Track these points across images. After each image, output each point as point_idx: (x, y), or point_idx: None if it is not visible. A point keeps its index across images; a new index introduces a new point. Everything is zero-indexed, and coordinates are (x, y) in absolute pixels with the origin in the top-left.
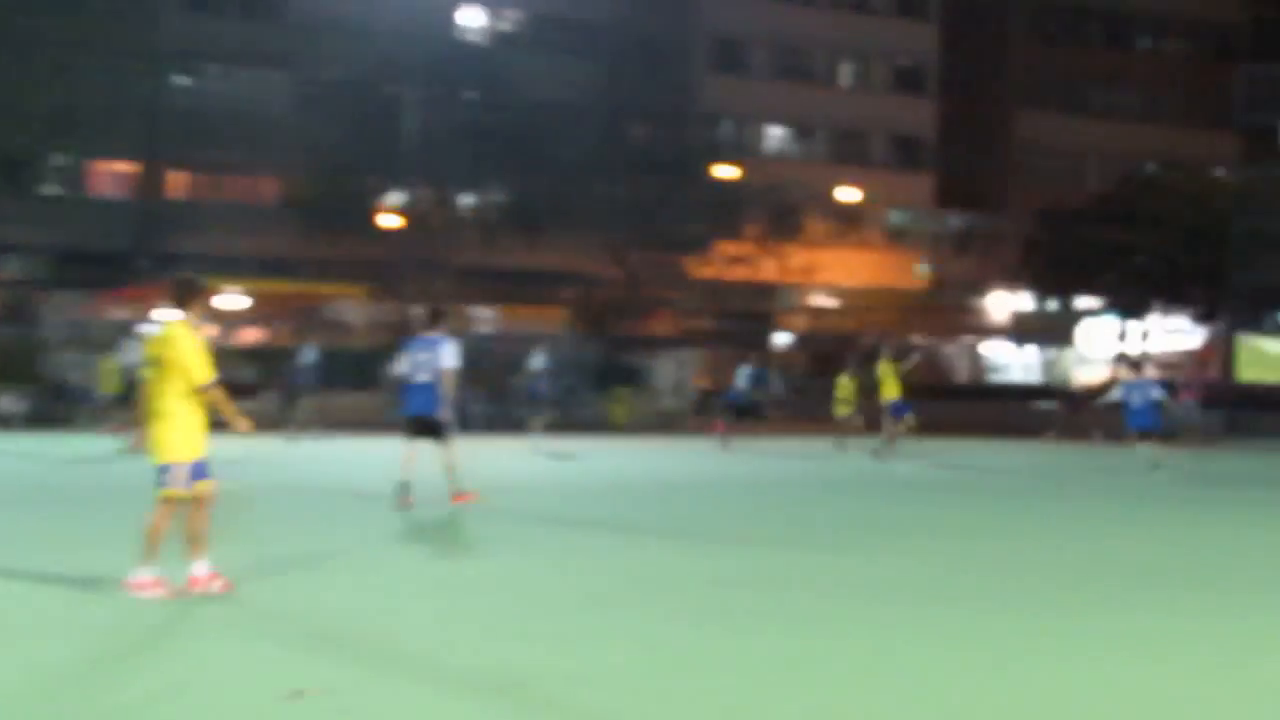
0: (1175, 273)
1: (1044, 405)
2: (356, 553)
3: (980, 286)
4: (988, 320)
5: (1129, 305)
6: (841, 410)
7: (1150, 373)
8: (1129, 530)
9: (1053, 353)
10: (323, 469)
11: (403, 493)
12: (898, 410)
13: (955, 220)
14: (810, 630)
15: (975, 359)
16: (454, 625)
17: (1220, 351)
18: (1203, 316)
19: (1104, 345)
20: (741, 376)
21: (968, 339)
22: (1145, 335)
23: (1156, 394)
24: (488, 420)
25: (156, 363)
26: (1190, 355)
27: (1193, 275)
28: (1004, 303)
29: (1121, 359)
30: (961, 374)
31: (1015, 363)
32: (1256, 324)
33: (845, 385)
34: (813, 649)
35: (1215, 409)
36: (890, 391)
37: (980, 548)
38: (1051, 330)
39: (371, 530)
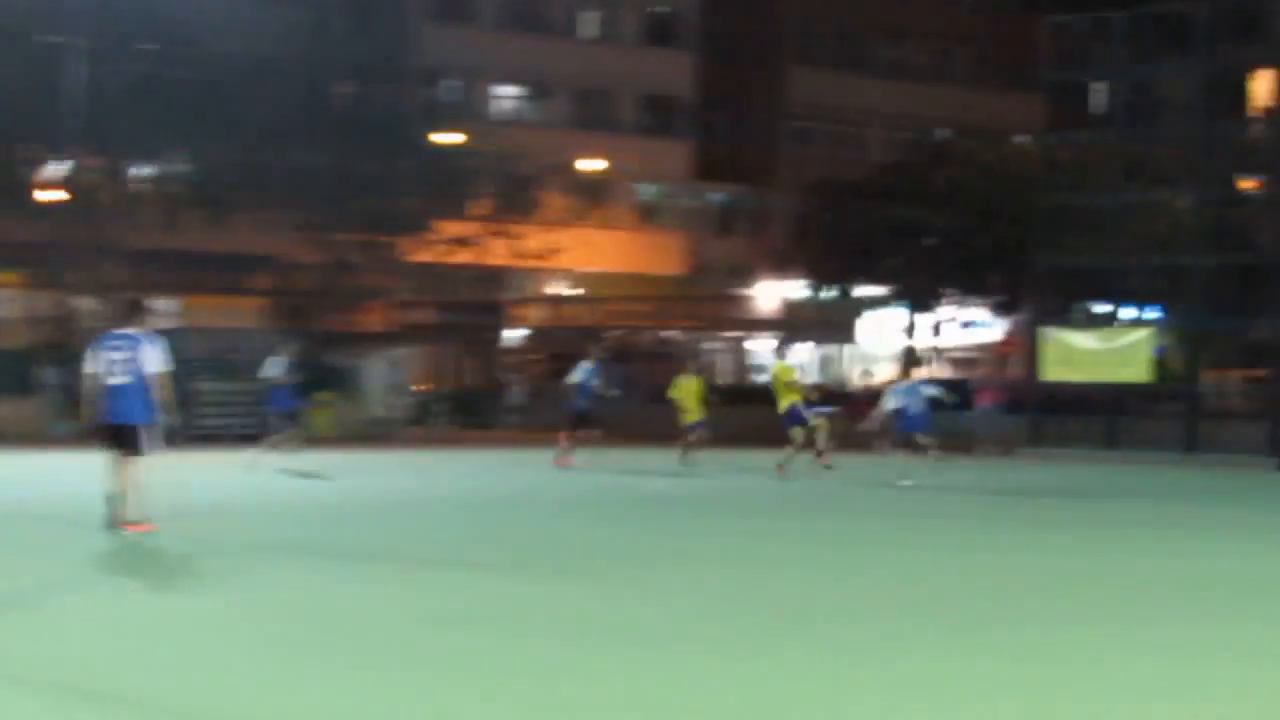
0: (971, 256)
1: (820, 410)
2: (47, 588)
3: (746, 273)
4: (754, 312)
5: (918, 294)
6: (689, 418)
7: (923, 373)
8: (910, 554)
9: (830, 350)
10: None
11: (114, 506)
12: (793, 419)
13: (717, 195)
14: (520, 679)
15: (740, 357)
16: (142, 668)
17: (1023, 346)
18: (1003, 306)
19: (890, 340)
20: (583, 373)
21: (731, 334)
22: (937, 328)
23: (931, 391)
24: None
25: None
26: (989, 350)
27: (992, 258)
28: (773, 292)
29: (909, 355)
30: (724, 374)
31: (786, 361)
32: (1063, 314)
33: (687, 388)
34: (519, 699)
35: (1017, 412)
36: (789, 396)
37: (735, 576)
38: (829, 323)
39: (66, 560)
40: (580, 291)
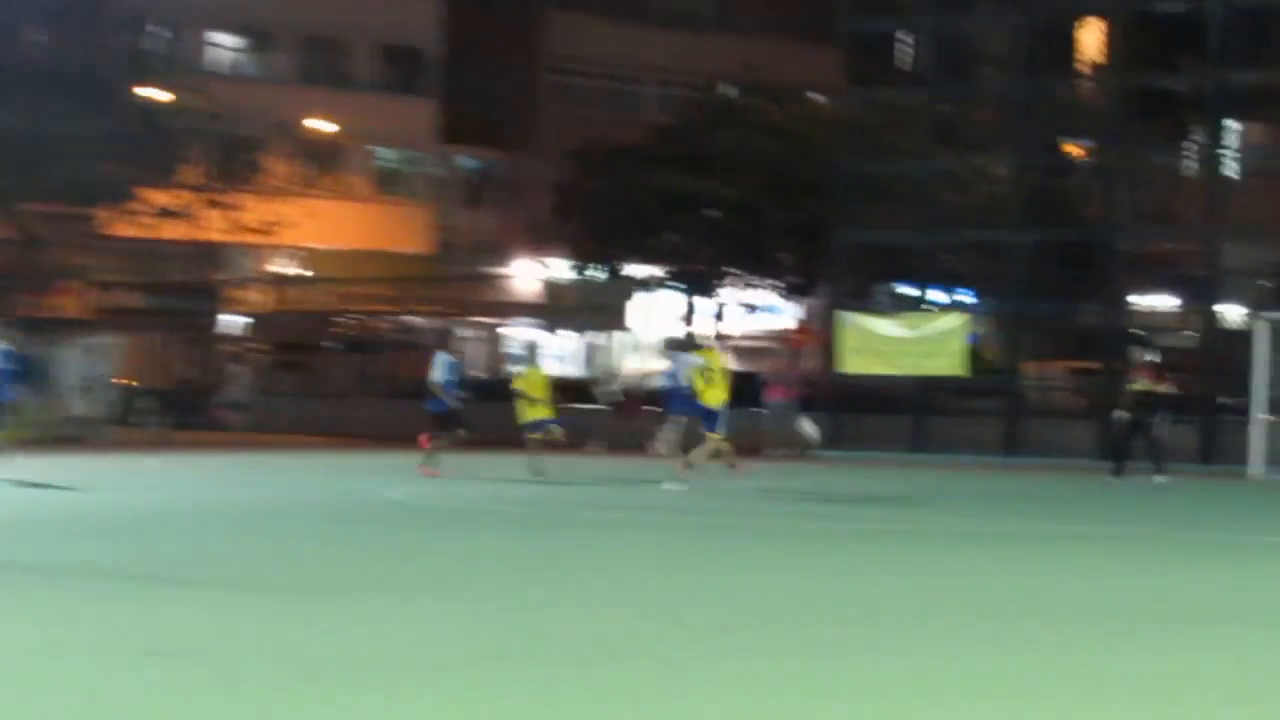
0: (759, 230)
1: (587, 407)
2: None
3: (501, 250)
4: (511, 295)
5: (698, 274)
6: (533, 413)
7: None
8: (673, 575)
9: (598, 338)
10: None
11: None
12: (713, 421)
13: (467, 161)
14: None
15: (494, 347)
16: None
17: (819, 334)
18: (796, 288)
19: (666, 327)
20: (445, 369)
21: (484, 320)
22: (719, 313)
23: (698, 363)
24: None
25: None
26: (780, 339)
27: (783, 234)
28: (533, 271)
29: (684, 341)
30: (476, 366)
31: (548, 351)
32: (865, 297)
33: (534, 379)
34: None
35: (812, 410)
36: (714, 396)
37: (480, 598)
38: (596, 307)
39: None
40: (309, 272)
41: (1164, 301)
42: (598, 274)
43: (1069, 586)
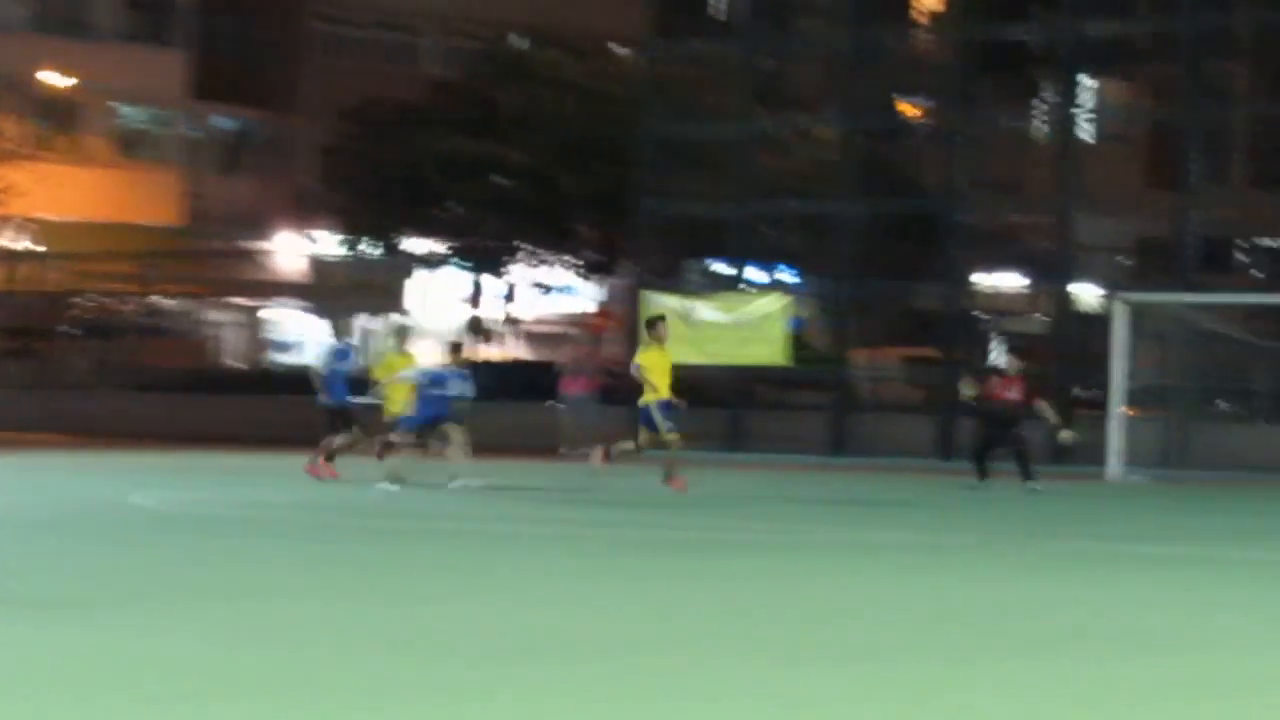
0: (555, 201)
1: (358, 401)
2: None
3: (262, 222)
4: (273, 273)
5: (485, 250)
6: (400, 407)
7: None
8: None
9: (371, 322)
10: None
11: None
12: (648, 419)
13: (223, 121)
14: None
15: (254, 332)
16: None
17: (622, 318)
18: (596, 266)
19: (449, 309)
20: (333, 357)
21: (242, 301)
22: (510, 294)
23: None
24: None
25: None
26: (579, 324)
27: (581, 204)
28: (298, 246)
29: (475, 328)
30: (231, 355)
31: (313, 338)
32: (674, 277)
33: (392, 368)
34: None
35: (614, 404)
36: (652, 391)
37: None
38: (369, 287)
39: None
40: (42, 247)
41: (1011, 281)
42: (371, 250)
43: (898, 599)
